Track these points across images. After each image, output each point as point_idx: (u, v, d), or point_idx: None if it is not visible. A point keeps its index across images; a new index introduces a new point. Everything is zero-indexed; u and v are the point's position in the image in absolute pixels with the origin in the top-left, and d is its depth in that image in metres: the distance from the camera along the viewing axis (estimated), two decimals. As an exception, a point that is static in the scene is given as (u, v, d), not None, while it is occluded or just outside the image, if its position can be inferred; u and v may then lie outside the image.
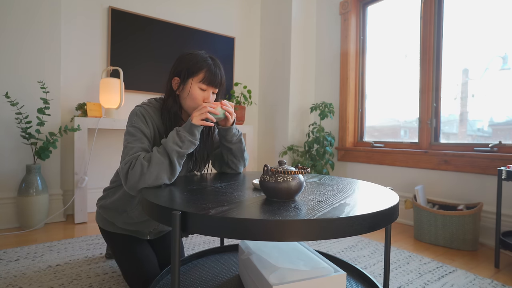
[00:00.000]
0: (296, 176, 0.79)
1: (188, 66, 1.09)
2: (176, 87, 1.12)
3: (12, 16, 2.02)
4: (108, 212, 1.23)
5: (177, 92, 1.12)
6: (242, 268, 1.04)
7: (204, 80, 1.08)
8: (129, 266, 1.15)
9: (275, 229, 0.61)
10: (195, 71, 1.08)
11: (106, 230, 1.27)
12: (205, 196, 0.83)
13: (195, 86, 1.08)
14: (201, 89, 1.09)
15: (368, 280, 1.06)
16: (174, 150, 0.97)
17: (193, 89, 1.08)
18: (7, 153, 2.03)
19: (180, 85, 1.11)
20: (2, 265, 1.43)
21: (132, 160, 0.96)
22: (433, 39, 2.28)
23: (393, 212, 0.75)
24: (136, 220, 1.19)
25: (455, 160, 2.06)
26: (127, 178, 0.95)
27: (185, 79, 1.09)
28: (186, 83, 1.09)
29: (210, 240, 1.84)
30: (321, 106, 2.76)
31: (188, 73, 1.08)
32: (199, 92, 1.09)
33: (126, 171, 0.95)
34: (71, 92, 2.36)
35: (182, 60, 1.11)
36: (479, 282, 1.37)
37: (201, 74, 1.08)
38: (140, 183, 0.93)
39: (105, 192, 1.28)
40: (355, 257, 1.64)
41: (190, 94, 1.09)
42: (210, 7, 3.05)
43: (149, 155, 0.97)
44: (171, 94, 1.13)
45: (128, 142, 1.02)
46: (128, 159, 0.97)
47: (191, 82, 1.08)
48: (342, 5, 2.84)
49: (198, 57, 1.10)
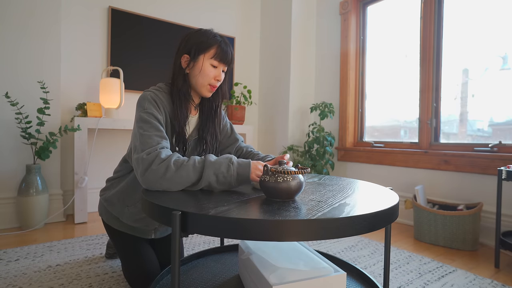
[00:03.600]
0: (296, 176, 0.79)
1: (198, 42, 1.06)
2: (185, 65, 1.08)
3: (12, 16, 2.02)
4: (113, 206, 1.19)
5: (187, 70, 1.09)
6: (242, 268, 1.04)
7: (216, 56, 1.06)
8: (131, 264, 1.15)
9: (275, 229, 0.61)
10: (206, 47, 1.06)
11: (110, 226, 1.24)
12: (205, 196, 0.83)
13: (207, 62, 1.06)
14: (213, 65, 1.07)
15: (368, 280, 1.06)
16: (207, 180, 0.88)
17: (205, 65, 1.06)
18: (7, 153, 2.03)
19: (190, 62, 1.07)
20: (2, 265, 1.43)
21: (157, 154, 0.88)
22: (433, 39, 2.28)
23: (393, 212, 0.75)
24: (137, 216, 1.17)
25: (455, 160, 2.06)
26: (147, 172, 0.87)
27: (196, 55, 1.06)
28: (197, 60, 1.06)
29: (210, 240, 1.84)
30: (321, 106, 2.76)
31: (199, 49, 1.06)
32: (211, 69, 1.07)
33: (149, 163, 0.87)
34: (71, 92, 2.36)
35: (192, 37, 1.08)
36: (479, 282, 1.37)
37: (213, 50, 1.06)
38: (157, 184, 0.87)
39: (108, 183, 1.23)
40: (355, 257, 1.64)
41: (202, 71, 1.06)
42: (211, 7, 3.05)
43: (181, 162, 0.88)
44: (180, 73, 1.09)
45: (144, 130, 0.95)
46: (150, 151, 0.90)
47: (203, 58, 1.06)
48: (342, 5, 2.84)
49: (208, 33, 1.08)
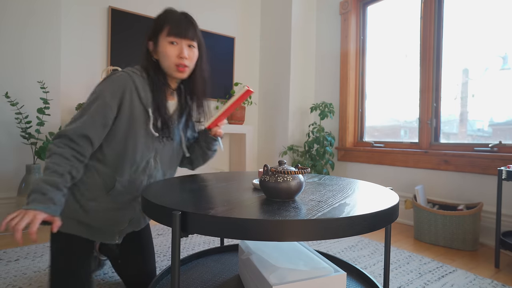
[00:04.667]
0: (296, 176, 0.79)
1: (155, 25, 1.03)
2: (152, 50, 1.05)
3: (12, 16, 2.02)
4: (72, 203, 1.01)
5: (155, 56, 1.04)
6: (242, 268, 1.04)
7: (170, 32, 0.99)
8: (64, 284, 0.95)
9: (275, 229, 0.61)
10: (161, 27, 1.01)
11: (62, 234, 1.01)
12: (205, 196, 0.83)
13: (164, 41, 1.00)
14: (170, 42, 1.00)
15: (368, 280, 1.06)
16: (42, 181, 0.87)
17: (163, 45, 1.00)
18: (7, 153, 2.03)
19: (154, 47, 1.04)
20: (2, 265, 1.43)
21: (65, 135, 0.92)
22: (433, 39, 2.28)
23: (393, 212, 0.75)
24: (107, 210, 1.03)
25: (455, 160, 2.06)
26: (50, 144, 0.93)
27: (157, 39, 1.02)
28: (158, 44, 1.02)
29: (210, 240, 1.84)
30: (321, 106, 2.76)
31: (156, 31, 1.02)
32: (170, 48, 1.00)
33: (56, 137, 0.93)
34: (71, 92, 2.36)
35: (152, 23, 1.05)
36: (479, 282, 1.37)
37: (167, 27, 1.00)
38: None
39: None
40: (355, 257, 1.64)
41: (163, 52, 1.01)
42: (210, 7, 3.05)
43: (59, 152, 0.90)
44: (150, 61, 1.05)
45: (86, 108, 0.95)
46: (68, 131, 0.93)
47: (161, 39, 1.01)
48: (342, 5, 2.84)
49: (161, 14, 1.04)
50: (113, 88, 0.97)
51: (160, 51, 1.02)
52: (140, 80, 1.02)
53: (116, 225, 1.07)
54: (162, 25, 1.01)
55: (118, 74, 1.00)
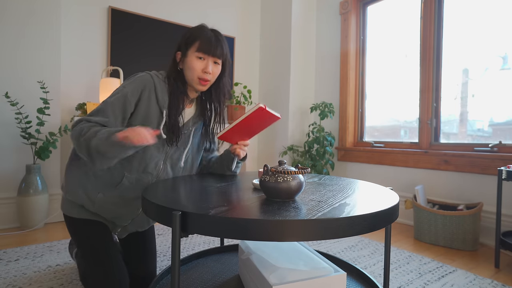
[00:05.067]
0: (296, 176, 0.79)
1: (186, 38, 1.09)
2: (179, 60, 1.12)
3: (12, 16, 2.02)
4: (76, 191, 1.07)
5: (181, 65, 1.11)
6: (242, 268, 1.04)
7: (200, 48, 1.07)
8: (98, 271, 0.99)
9: (275, 229, 0.61)
10: (192, 40, 1.08)
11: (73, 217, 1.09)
12: (205, 196, 0.83)
13: (192, 55, 1.08)
14: (199, 58, 1.08)
15: (368, 280, 1.06)
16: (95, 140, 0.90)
17: (191, 59, 1.08)
18: (7, 153, 2.03)
19: (181, 58, 1.11)
20: (2, 265, 1.43)
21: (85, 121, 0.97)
22: (433, 39, 2.28)
23: (393, 212, 0.75)
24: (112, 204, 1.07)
25: (455, 160, 2.06)
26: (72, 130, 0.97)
27: (185, 51, 1.09)
28: (187, 55, 1.09)
29: (210, 240, 1.84)
30: (321, 106, 2.76)
31: (187, 43, 1.08)
32: (196, 62, 1.08)
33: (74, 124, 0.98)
34: (71, 92, 2.36)
35: (183, 34, 1.12)
36: (479, 282, 1.37)
37: (197, 42, 1.07)
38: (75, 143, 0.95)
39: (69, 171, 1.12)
40: (355, 257, 1.64)
41: (190, 65, 1.08)
42: (210, 7, 3.05)
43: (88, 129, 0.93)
44: (174, 69, 1.12)
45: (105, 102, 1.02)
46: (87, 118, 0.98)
47: (190, 52, 1.08)
48: (342, 5, 2.84)
49: (197, 27, 1.11)
50: (134, 85, 1.04)
51: (187, 63, 1.09)
52: (161, 82, 1.09)
53: (119, 220, 1.13)
54: (193, 40, 1.08)
55: (141, 74, 1.08)
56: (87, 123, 0.97)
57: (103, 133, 0.90)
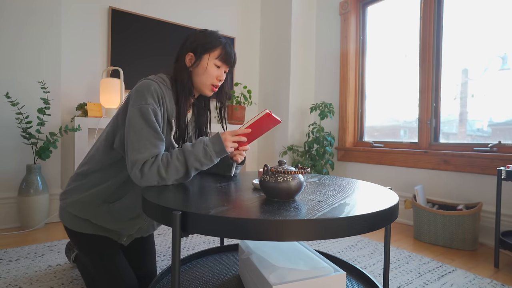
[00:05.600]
0: (296, 176, 0.79)
1: (204, 42, 1.09)
2: (190, 63, 1.10)
3: (13, 17, 2.02)
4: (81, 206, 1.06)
5: (191, 68, 1.10)
6: (242, 268, 1.04)
7: (221, 57, 1.09)
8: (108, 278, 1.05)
9: (275, 229, 0.62)
10: (211, 47, 1.08)
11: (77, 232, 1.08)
12: (205, 196, 0.83)
13: (211, 62, 1.09)
14: (216, 66, 1.10)
15: (368, 279, 1.06)
16: (193, 167, 0.97)
17: (209, 65, 1.08)
18: (8, 153, 2.03)
19: (195, 61, 1.09)
20: (2, 265, 1.43)
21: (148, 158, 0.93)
22: (432, 39, 2.28)
23: (393, 212, 0.76)
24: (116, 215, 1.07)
25: (455, 160, 2.06)
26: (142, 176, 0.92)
27: (201, 55, 1.08)
28: (202, 59, 1.08)
29: (210, 240, 1.84)
30: (321, 106, 2.77)
31: (204, 49, 1.08)
32: (215, 69, 1.09)
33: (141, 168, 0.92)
34: (71, 92, 2.36)
35: (198, 36, 1.10)
36: (478, 282, 1.37)
37: (217, 51, 1.09)
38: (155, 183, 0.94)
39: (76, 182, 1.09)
40: (355, 257, 1.65)
41: (207, 71, 1.08)
42: (210, 7, 3.05)
43: (166, 158, 0.95)
44: (184, 70, 1.09)
45: (141, 128, 0.95)
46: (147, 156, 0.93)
47: (208, 58, 1.08)
48: (342, 5, 2.84)
49: (214, 34, 1.11)
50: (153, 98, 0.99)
51: (202, 68, 1.09)
52: (167, 90, 1.06)
53: (125, 230, 1.13)
54: (213, 46, 1.09)
55: (149, 83, 1.00)
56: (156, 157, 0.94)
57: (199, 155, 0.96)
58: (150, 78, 1.04)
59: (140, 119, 0.95)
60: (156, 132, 0.97)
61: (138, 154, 0.93)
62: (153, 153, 0.95)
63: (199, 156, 0.96)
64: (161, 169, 0.93)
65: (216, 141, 0.99)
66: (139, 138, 0.94)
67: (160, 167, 0.93)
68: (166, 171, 0.94)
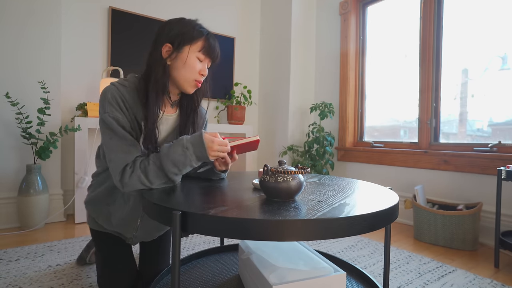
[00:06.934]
0: (296, 176, 0.79)
1: (183, 32, 0.96)
2: (166, 55, 0.97)
3: (12, 16, 2.02)
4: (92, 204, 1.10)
5: (168, 61, 0.98)
6: (242, 268, 1.04)
7: (203, 50, 0.98)
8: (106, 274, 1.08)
9: (275, 229, 0.62)
10: (192, 38, 0.97)
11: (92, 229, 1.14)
12: (205, 196, 0.83)
13: (192, 55, 0.97)
14: (199, 59, 0.99)
15: (368, 280, 1.06)
16: (171, 172, 0.91)
17: (190, 58, 0.97)
18: (8, 153, 2.03)
19: (173, 53, 0.97)
20: (2, 265, 1.43)
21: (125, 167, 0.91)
22: (432, 39, 2.28)
23: (393, 212, 0.76)
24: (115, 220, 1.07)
25: (455, 160, 2.06)
26: (123, 186, 0.91)
27: (180, 46, 0.96)
28: (181, 51, 0.97)
29: (210, 240, 1.84)
30: (321, 106, 2.77)
31: (184, 39, 0.96)
32: (197, 63, 0.99)
33: (120, 178, 0.91)
34: (71, 92, 2.36)
35: (175, 25, 0.98)
36: (478, 282, 1.37)
37: (200, 42, 0.98)
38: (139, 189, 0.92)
39: (92, 181, 1.13)
40: (355, 257, 1.65)
41: (187, 64, 0.97)
42: (210, 7, 3.05)
43: (144, 164, 0.90)
44: (160, 63, 0.97)
45: (110, 138, 0.92)
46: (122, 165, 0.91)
47: (188, 50, 0.97)
48: (342, 5, 2.84)
49: (194, 23, 0.99)
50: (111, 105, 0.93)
51: (182, 61, 0.97)
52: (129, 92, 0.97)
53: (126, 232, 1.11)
54: (195, 37, 0.97)
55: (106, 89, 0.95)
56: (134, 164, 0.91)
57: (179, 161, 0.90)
58: (110, 84, 0.98)
59: (105, 129, 0.93)
60: (124, 138, 0.92)
61: (113, 164, 0.92)
62: (126, 160, 0.91)
63: (176, 160, 0.89)
64: (141, 177, 0.89)
65: (198, 143, 0.90)
66: (110, 148, 0.92)
67: (140, 175, 0.89)
68: (147, 178, 0.90)
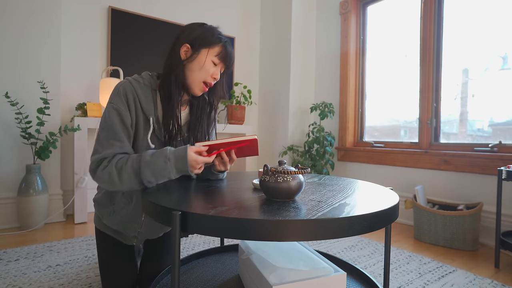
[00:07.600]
0: (296, 176, 0.79)
1: (204, 36, 1.01)
2: (185, 56, 1.01)
3: (12, 16, 2.02)
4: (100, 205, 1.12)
5: (185, 62, 1.01)
6: (242, 268, 1.04)
7: (220, 55, 1.02)
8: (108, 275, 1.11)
9: (275, 229, 0.61)
10: (211, 42, 1.01)
11: (96, 229, 1.17)
12: (205, 196, 0.83)
13: (209, 58, 1.01)
14: (214, 63, 1.02)
15: (368, 280, 1.06)
16: (146, 180, 0.90)
17: (207, 61, 1.01)
18: (7, 153, 2.03)
19: (192, 54, 1.01)
20: (2, 265, 1.43)
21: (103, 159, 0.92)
22: (433, 39, 2.28)
23: (393, 212, 0.75)
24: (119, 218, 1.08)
25: (455, 160, 2.06)
26: (93, 176, 0.93)
27: (199, 48, 1.00)
28: (199, 53, 1.01)
29: (210, 240, 1.84)
30: (321, 106, 2.76)
31: (204, 43, 1.01)
32: (211, 66, 1.02)
33: (94, 167, 0.92)
34: (71, 92, 2.36)
35: (196, 29, 1.03)
36: (479, 282, 1.37)
37: (217, 48, 1.02)
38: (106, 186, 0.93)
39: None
40: (355, 257, 1.64)
41: (204, 66, 1.01)
42: (211, 7, 3.05)
43: (121, 163, 0.90)
44: (179, 62, 1.01)
45: (102, 128, 0.95)
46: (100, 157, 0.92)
47: (206, 53, 1.01)
48: (342, 5, 2.84)
49: (214, 30, 1.04)
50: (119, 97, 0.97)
51: (199, 63, 1.01)
52: (142, 87, 1.01)
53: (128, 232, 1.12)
54: (214, 42, 1.02)
55: (120, 83, 1.00)
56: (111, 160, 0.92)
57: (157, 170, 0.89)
58: (125, 78, 1.02)
59: (102, 120, 0.96)
60: (113, 132, 0.94)
61: (95, 153, 0.94)
62: (107, 153, 0.92)
63: (156, 170, 0.89)
64: (113, 174, 0.89)
65: (181, 158, 0.89)
66: (98, 138, 0.96)
67: (112, 172, 0.89)
68: (119, 177, 0.89)
